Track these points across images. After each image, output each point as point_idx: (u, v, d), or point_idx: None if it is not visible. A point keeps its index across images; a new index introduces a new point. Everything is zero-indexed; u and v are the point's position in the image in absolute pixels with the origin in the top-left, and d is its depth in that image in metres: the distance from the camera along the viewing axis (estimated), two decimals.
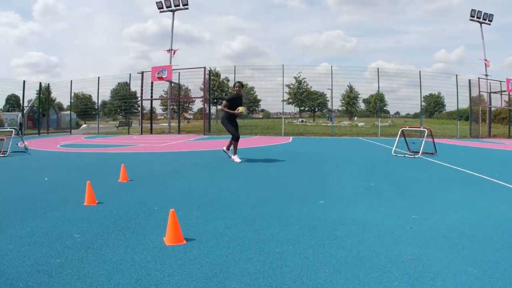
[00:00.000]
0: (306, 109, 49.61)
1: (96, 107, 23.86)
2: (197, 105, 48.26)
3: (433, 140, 8.72)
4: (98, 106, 23.90)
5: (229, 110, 6.84)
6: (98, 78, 20.68)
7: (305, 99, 38.30)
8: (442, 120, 41.89)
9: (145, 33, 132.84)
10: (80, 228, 2.68)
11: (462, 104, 19.92)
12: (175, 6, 21.80)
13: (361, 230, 2.72)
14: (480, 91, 19.90)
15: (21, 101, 20.87)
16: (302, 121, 31.77)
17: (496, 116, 27.70)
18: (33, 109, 22.10)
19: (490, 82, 20.61)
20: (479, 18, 21.40)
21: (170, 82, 20.19)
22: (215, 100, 25.92)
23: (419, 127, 9.99)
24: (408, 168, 6.32)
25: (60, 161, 7.35)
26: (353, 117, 46.16)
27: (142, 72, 19.58)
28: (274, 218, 3.04)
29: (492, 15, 21.51)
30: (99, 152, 9.21)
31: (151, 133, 20.43)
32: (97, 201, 3.49)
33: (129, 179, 4.79)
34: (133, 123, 26.88)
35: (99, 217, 2.98)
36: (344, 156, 8.67)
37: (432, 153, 8.39)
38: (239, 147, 7.38)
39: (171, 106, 24.57)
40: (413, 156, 7.95)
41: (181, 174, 5.45)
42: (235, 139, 6.96)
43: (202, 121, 20.53)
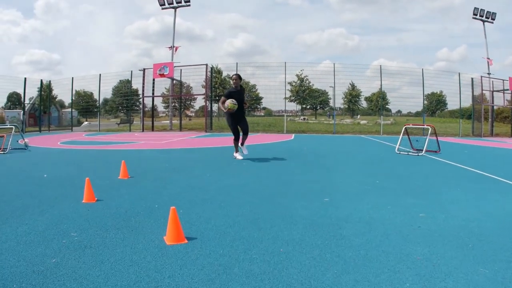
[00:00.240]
0: (308, 107, 49.46)
1: (98, 105, 23.77)
2: (199, 103, 48.20)
3: (437, 138, 8.64)
4: (100, 104, 23.81)
5: (221, 106, 6.45)
6: (100, 75, 20.62)
7: (307, 97, 38.17)
8: (444, 119, 41.67)
9: (147, 31, 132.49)
10: (78, 226, 2.60)
11: (465, 103, 19.80)
12: (177, 3, 21.66)
13: (368, 229, 2.64)
14: (483, 90, 19.75)
15: (22, 99, 20.83)
16: (304, 119, 31.62)
17: (498, 115, 27.51)
18: (34, 107, 22.05)
19: (493, 81, 20.46)
20: (482, 16, 21.21)
21: (172, 79, 20.10)
22: (217, 98, 25.82)
23: (423, 125, 9.89)
24: (412, 166, 6.24)
25: (60, 158, 7.28)
26: (356, 115, 46.02)
27: (144, 69, 19.48)
28: (279, 216, 2.96)
29: (495, 14, 21.32)
30: (100, 149, 9.13)
31: (153, 130, 20.37)
32: (96, 198, 3.41)
33: (130, 176, 4.71)
34: (135, 120, 26.82)
35: (98, 215, 2.90)
36: (347, 154, 8.57)
37: (436, 151, 8.31)
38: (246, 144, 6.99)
39: (173, 104, 24.48)
40: (417, 154, 7.89)
41: (182, 171, 5.36)
42: (234, 137, 6.76)
43: (204, 119, 20.45)
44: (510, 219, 2.95)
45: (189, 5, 21.52)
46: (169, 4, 21.68)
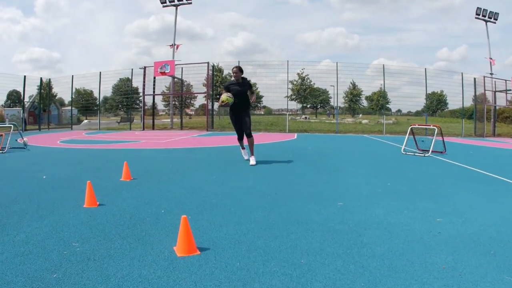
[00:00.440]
0: (308, 106, 49.23)
1: (98, 103, 23.55)
2: (199, 101, 47.97)
3: (443, 139, 8.50)
4: (100, 102, 23.58)
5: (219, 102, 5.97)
6: (100, 73, 20.39)
7: (308, 96, 37.94)
8: (446, 119, 41.42)
9: (147, 29, 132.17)
10: (80, 235, 2.41)
11: (466, 103, 19.69)
12: (178, 1, 21.43)
13: (389, 236, 2.51)
14: (486, 90, 19.62)
15: (22, 97, 20.60)
16: (306, 118, 31.39)
17: (499, 115, 27.36)
18: (34, 105, 21.81)
19: (495, 81, 20.31)
20: (485, 17, 21.00)
21: (173, 78, 19.88)
22: (218, 96, 25.61)
23: (429, 125, 9.74)
24: (421, 167, 6.13)
25: (60, 158, 7.08)
26: (358, 114, 45.86)
27: (145, 67, 19.25)
28: (293, 222, 2.79)
29: (498, 14, 21.08)
30: (100, 149, 8.94)
31: (153, 129, 20.17)
32: (98, 203, 3.23)
33: (132, 178, 4.53)
34: (135, 119, 26.59)
35: (101, 222, 2.71)
36: (353, 154, 8.41)
37: (441, 152, 8.18)
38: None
39: (174, 102, 24.27)
40: (423, 155, 7.76)
41: (187, 172, 5.17)
42: (237, 136, 6.34)
43: (204, 117, 20.26)
44: None
45: (191, 3, 21.28)
46: (170, 2, 21.44)
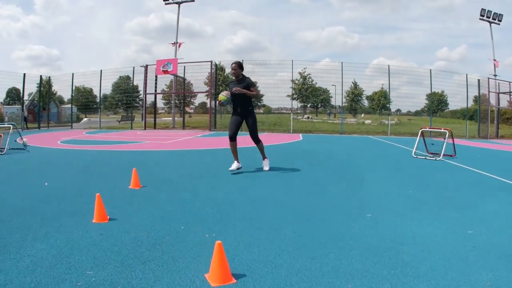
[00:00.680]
0: (309, 105, 48.93)
1: (98, 101, 23.17)
2: (198, 100, 47.70)
3: (453, 142, 8.33)
4: (100, 100, 23.21)
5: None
6: (101, 71, 20.01)
7: (310, 95, 37.63)
8: (447, 119, 41.14)
9: (147, 27, 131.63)
10: (93, 260, 2.10)
11: (464, 103, 19.60)
12: None
13: (427, 252, 2.36)
14: (490, 92, 19.45)
15: (22, 94, 20.21)
16: (308, 118, 31.07)
17: (501, 117, 27.21)
18: (34, 103, 21.43)
19: (499, 83, 20.11)
20: (489, 18, 20.79)
21: (175, 76, 19.53)
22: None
23: (440, 128, 9.53)
24: (436, 172, 5.95)
25: (61, 161, 6.73)
26: (360, 114, 45.62)
27: (146, 65, 18.88)
28: (327, 239, 2.55)
29: (502, 15, 20.84)
30: (103, 150, 8.61)
31: (155, 128, 19.83)
32: (109, 217, 2.91)
33: (141, 185, 4.22)
34: (135, 117, 26.21)
35: (115, 242, 2.40)
36: (365, 158, 8.15)
37: (451, 155, 8.06)
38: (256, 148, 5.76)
39: (175, 100, 23.92)
40: (434, 159, 7.61)
41: (199, 179, 4.86)
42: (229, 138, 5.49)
43: (204, 116, 19.92)
44: None
45: (193, 0, 20.92)
46: (173, 0, 21.06)
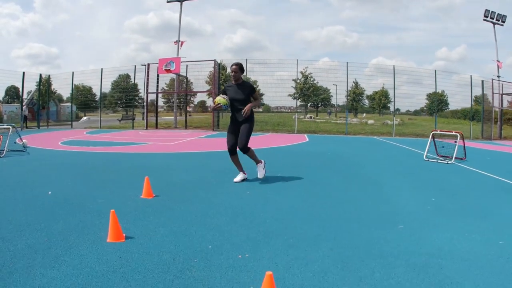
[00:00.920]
0: (309, 105, 48.68)
1: (99, 100, 22.80)
2: (198, 99, 47.44)
3: (464, 145, 8.20)
4: (101, 99, 22.85)
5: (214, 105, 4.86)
6: (101, 70, 19.65)
7: (311, 95, 37.36)
8: (448, 119, 40.94)
9: (146, 25, 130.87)
10: None
11: (465, 104, 19.51)
12: None
13: (467, 265, 2.27)
14: (494, 93, 19.36)
15: (21, 93, 19.84)
16: (311, 117, 30.76)
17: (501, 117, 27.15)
18: (33, 101, 21.05)
19: (502, 84, 19.98)
20: (493, 19, 20.66)
21: (178, 75, 19.20)
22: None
23: (451, 131, 9.32)
24: (450, 177, 5.84)
25: (64, 164, 6.34)
26: (362, 114, 45.45)
27: (148, 64, 18.53)
28: (367, 256, 2.37)
29: (505, 16, 20.75)
30: (106, 152, 8.28)
31: (156, 128, 19.50)
32: (125, 235, 2.61)
33: (154, 195, 3.92)
34: (136, 117, 25.87)
35: (137, 267, 2.09)
36: (377, 160, 7.91)
37: (462, 158, 7.98)
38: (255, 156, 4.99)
39: (177, 100, 23.60)
40: (446, 162, 7.45)
41: (214, 187, 4.55)
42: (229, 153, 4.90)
43: (204, 115, 19.60)
44: None
45: None
46: None
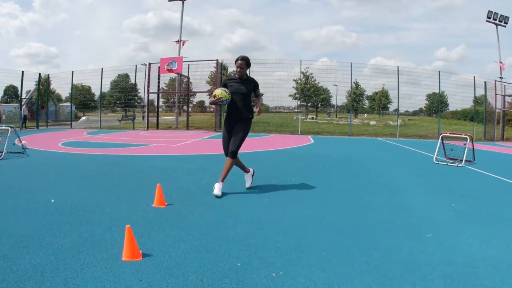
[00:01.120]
0: (309, 105, 48.51)
1: (100, 100, 22.47)
2: (196, 98, 47.27)
3: (473, 147, 8.11)
4: (101, 99, 22.52)
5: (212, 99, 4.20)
6: (102, 69, 19.34)
7: (312, 95, 37.15)
8: (449, 120, 40.84)
9: (145, 25, 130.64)
10: None
11: (465, 104, 19.53)
12: None
13: (505, 276, 2.16)
14: (497, 94, 19.26)
15: (20, 92, 19.51)
16: (312, 118, 30.49)
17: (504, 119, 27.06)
18: (31, 101, 20.72)
19: (505, 85, 19.88)
20: (496, 20, 20.56)
21: (180, 75, 18.93)
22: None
23: (461, 134, 9.15)
24: (463, 180, 5.76)
25: (65, 168, 6.01)
26: (363, 114, 45.36)
27: (149, 64, 18.25)
28: (404, 269, 2.25)
29: (508, 18, 20.66)
30: (109, 155, 8.00)
31: (157, 128, 19.21)
32: (141, 252, 2.35)
33: (166, 203, 3.65)
34: (136, 117, 25.59)
35: None
36: (387, 163, 7.69)
37: (470, 161, 7.88)
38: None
39: (172, 100, 23.30)
40: (456, 165, 7.37)
41: (227, 191, 4.28)
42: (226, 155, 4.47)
43: (204, 115, 19.31)
44: None
45: None
46: None
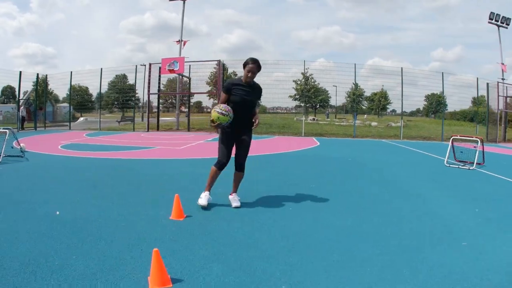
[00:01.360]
0: (308, 106, 48.40)
1: (99, 100, 22.09)
2: (194, 99, 47.05)
3: (483, 150, 8.05)
4: (100, 99, 22.15)
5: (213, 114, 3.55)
6: (101, 70, 18.97)
7: (312, 96, 36.97)
8: (449, 121, 40.80)
9: (142, 26, 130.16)
10: None
11: (464, 105, 19.62)
12: None
13: None
14: (499, 95, 19.25)
15: (17, 93, 19.12)
16: (313, 119, 30.23)
17: (501, 119, 27.12)
18: (29, 101, 20.31)
19: (507, 86, 19.85)
20: (498, 22, 20.53)
21: (181, 76, 18.60)
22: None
23: (471, 137, 8.95)
24: (477, 183, 5.73)
25: (68, 173, 5.63)
26: (363, 115, 45.28)
27: (150, 64, 17.92)
28: (448, 281, 2.12)
29: (510, 19, 20.67)
30: (112, 158, 7.66)
31: (158, 130, 18.86)
32: (169, 276, 2.04)
33: (185, 215, 3.35)
34: (135, 118, 25.19)
35: None
36: (399, 167, 7.50)
37: (480, 163, 7.87)
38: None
39: (170, 101, 22.97)
40: (468, 168, 7.38)
41: (248, 199, 4.01)
42: (215, 164, 3.80)
43: (205, 115, 19.00)
44: None
45: None
46: None
